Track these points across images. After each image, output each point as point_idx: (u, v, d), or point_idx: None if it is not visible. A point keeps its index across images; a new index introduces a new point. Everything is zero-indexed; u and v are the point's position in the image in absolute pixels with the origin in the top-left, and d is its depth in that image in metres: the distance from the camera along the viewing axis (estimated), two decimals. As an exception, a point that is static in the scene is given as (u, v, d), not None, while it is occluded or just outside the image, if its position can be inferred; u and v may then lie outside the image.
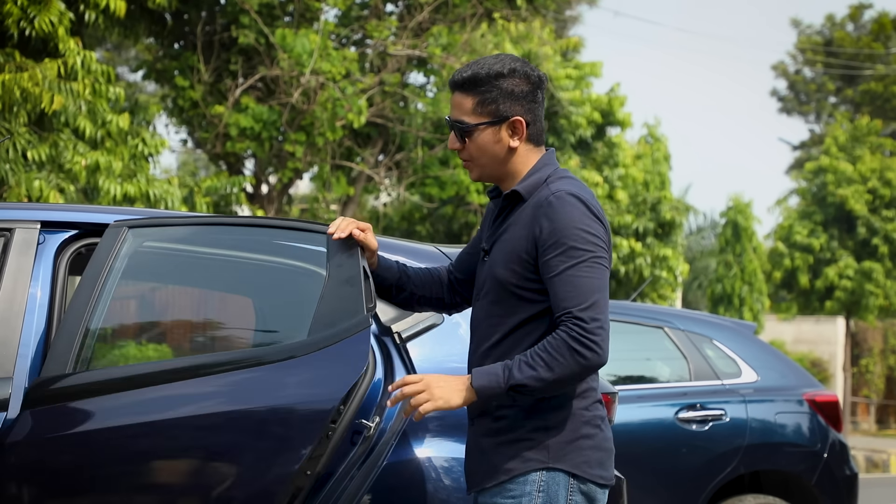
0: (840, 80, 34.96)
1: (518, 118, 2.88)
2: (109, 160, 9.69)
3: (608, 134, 17.45)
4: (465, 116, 2.88)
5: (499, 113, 2.88)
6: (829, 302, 22.93)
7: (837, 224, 23.06)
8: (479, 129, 2.88)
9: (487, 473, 2.92)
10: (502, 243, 2.92)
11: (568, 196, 2.84)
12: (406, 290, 3.18)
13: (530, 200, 2.90)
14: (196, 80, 14.42)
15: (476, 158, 2.91)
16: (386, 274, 3.15)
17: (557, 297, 2.81)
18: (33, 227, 3.50)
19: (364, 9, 15.53)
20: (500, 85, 2.86)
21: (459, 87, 2.89)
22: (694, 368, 5.97)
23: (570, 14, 23.97)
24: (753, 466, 5.82)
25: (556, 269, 2.81)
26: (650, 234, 17.84)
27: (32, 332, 3.37)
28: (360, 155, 15.42)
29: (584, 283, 2.79)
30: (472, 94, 2.87)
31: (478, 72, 2.86)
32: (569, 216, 2.82)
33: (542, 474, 2.84)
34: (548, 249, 2.83)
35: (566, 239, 2.81)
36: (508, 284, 2.88)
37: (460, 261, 3.19)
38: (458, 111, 2.90)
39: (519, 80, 2.88)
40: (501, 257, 2.91)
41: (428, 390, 2.81)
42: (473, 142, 2.89)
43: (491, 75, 2.86)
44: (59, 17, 9.35)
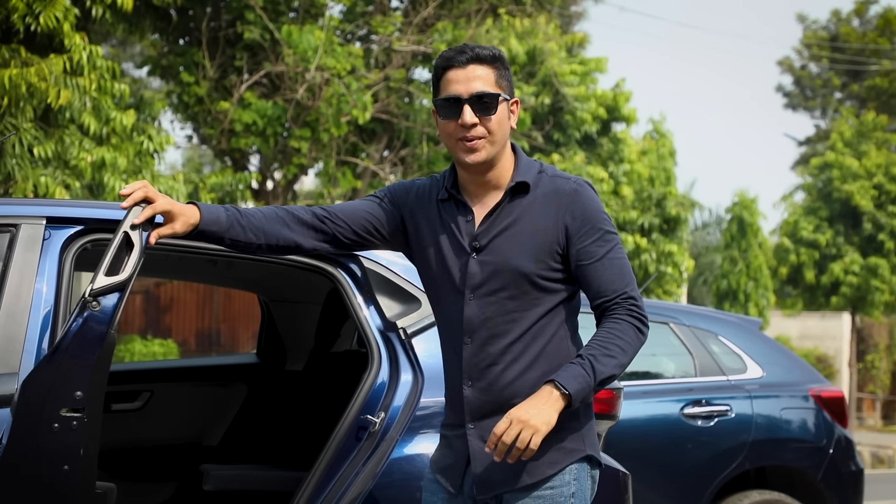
0: (846, 76, 34.90)
1: (517, 100, 2.95)
2: (115, 156, 9.70)
3: (613, 130, 17.43)
4: (490, 87, 2.88)
5: (509, 91, 2.92)
6: (834, 297, 22.89)
7: (843, 220, 23.02)
8: (502, 100, 2.89)
9: (527, 472, 2.83)
10: (515, 237, 2.87)
11: (586, 184, 2.92)
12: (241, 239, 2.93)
13: (536, 191, 2.89)
14: (201, 76, 14.43)
15: (494, 133, 2.87)
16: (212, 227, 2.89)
17: (603, 280, 2.84)
18: (39, 223, 3.51)
19: (369, 4, 15.52)
20: (505, 66, 2.93)
21: (482, 61, 2.88)
22: (699, 364, 5.96)
23: (575, 10, 23.94)
24: (759, 462, 5.81)
25: (596, 255, 2.85)
26: (655, 229, 17.82)
27: (38, 328, 3.38)
28: (365, 151, 15.41)
29: (625, 265, 2.88)
30: (494, 68, 2.89)
31: (494, 52, 2.90)
32: (595, 202, 2.89)
33: (577, 463, 2.86)
34: (584, 236, 2.86)
35: (600, 224, 2.87)
36: (536, 276, 2.85)
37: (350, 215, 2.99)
38: (480, 83, 2.86)
39: (508, 67, 2.96)
40: (523, 251, 2.86)
41: (524, 425, 2.69)
42: (497, 115, 2.88)
43: (501, 56, 2.92)
44: (65, 13, 9.35)
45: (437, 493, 2.95)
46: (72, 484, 3.00)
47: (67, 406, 2.94)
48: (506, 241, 2.88)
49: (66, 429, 2.94)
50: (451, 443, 2.95)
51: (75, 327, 2.90)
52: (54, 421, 2.93)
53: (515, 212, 2.90)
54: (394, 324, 3.66)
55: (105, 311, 2.89)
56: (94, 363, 2.94)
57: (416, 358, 3.62)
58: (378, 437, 3.52)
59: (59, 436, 2.94)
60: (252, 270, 4.73)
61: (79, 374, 2.93)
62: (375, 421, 3.53)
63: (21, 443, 2.98)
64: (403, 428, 3.51)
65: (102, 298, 2.89)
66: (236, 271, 4.77)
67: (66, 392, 2.93)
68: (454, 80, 2.87)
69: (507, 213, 2.90)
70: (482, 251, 2.89)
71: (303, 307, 5.18)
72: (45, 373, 2.93)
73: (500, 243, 2.89)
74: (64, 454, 2.97)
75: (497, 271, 2.87)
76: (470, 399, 2.89)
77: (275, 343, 5.37)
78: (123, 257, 2.90)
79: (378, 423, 3.53)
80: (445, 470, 2.94)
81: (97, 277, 2.88)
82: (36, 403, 2.95)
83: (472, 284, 2.89)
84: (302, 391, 5.10)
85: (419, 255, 3.00)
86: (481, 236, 2.90)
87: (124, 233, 2.88)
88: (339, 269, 3.75)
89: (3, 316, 3.36)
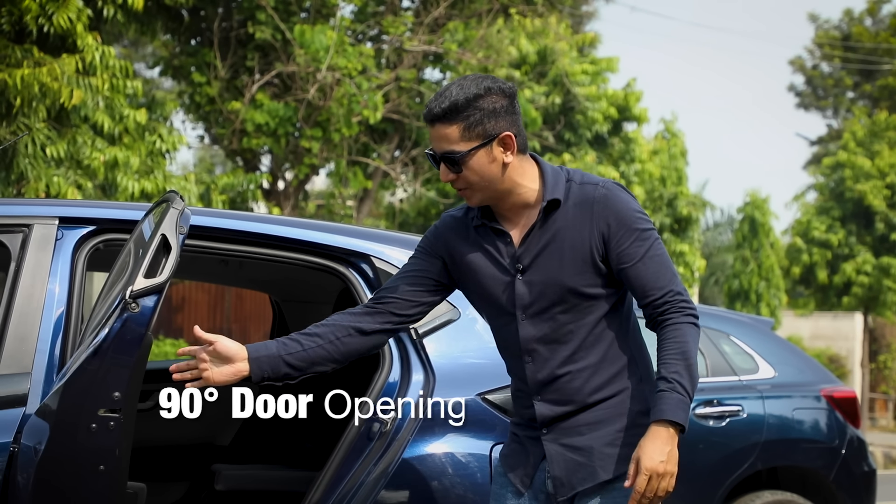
0: (858, 75, 34.79)
1: (507, 133, 2.87)
2: (127, 156, 9.73)
3: (625, 129, 17.42)
4: (454, 146, 2.85)
5: (487, 133, 2.85)
6: (846, 298, 22.83)
7: (855, 219, 22.95)
8: (472, 154, 2.84)
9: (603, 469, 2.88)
10: (556, 253, 2.88)
11: (616, 186, 2.92)
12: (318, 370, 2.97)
13: (568, 203, 2.90)
14: (213, 77, 14.45)
15: (474, 184, 2.87)
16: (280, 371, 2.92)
17: (647, 279, 2.86)
18: (52, 223, 3.52)
19: (380, 5, 15.53)
20: (480, 106, 2.84)
21: (440, 119, 2.84)
22: (711, 364, 5.95)
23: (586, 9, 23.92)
24: (771, 462, 5.79)
25: (637, 255, 2.86)
26: (667, 229, 17.80)
27: (51, 328, 3.39)
28: (376, 151, 15.42)
29: (665, 260, 2.89)
30: (456, 122, 2.84)
31: (456, 99, 2.82)
32: (627, 203, 2.89)
33: None
34: (622, 239, 2.87)
35: (635, 224, 2.88)
36: (583, 287, 2.88)
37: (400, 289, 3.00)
38: (444, 143, 2.85)
39: (496, 96, 2.86)
40: (567, 266, 2.88)
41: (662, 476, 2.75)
42: (469, 168, 2.85)
43: (469, 99, 2.83)
44: (78, 14, 9.38)
45: (506, 486, 3.01)
46: (107, 484, 3.02)
47: (105, 406, 2.96)
48: (547, 258, 2.90)
49: (104, 429, 2.96)
50: (522, 442, 3.00)
51: (115, 329, 2.90)
52: (92, 421, 2.94)
53: (552, 228, 2.90)
54: (405, 324, 3.66)
55: (144, 312, 2.91)
56: (132, 364, 2.95)
57: (427, 358, 3.62)
58: (389, 437, 3.52)
59: (97, 436, 2.96)
60: (263, 271, 4.74)
61: (117, 375, 2.94)
62: (387, 421, 3.54)
63: (60, 443, 3.00)
64: (415, 428, 3.51)
65: (141, 300, 2.90)
66: (248, 271, 4.78)
67: (104, 393, 2.94)
68: (431, 136, 2.90)
69: (543, 230, 2.91)
70: (526, 271, 2.91)
71: (314, 307, 5.18)
72: (86, 373, 2.94)
73: (542, 262, 2.90)
74: (100, 454, 2.99)
75: (544, 290, 2.90)
76: (542, 411, 2.93)
77: (286, 343, 5.36)
78: (161, 260, 2.92)
79: (389, 423, 3.53)
80: (516, 468, 3.00)
81: (136, 279, 2.89)
82: (76, 404, 2.96)
83: (521, 305, 2.92)
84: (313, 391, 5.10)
85: (466, 283, 3.02)
86: (523, 257, 2.92)
87: (162, 235, 2.91)
88: (350, 269, 3.75)
89: (16, 316, 3.38)
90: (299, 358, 2.94)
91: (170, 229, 2.94)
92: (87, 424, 2.95)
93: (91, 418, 2.94)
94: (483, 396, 3.55)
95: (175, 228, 2.94)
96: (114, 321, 2.91)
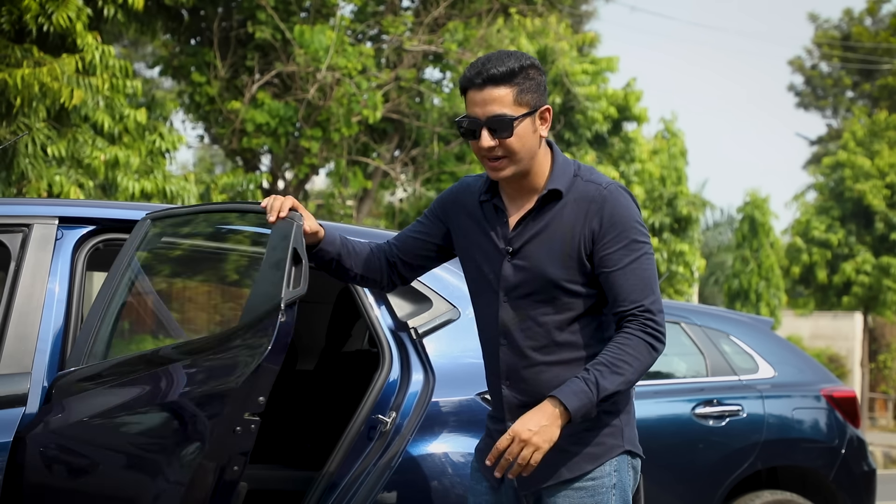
0: (857, 75, 34.79)
1: (547, 107, 2.91)
2: (128, 155, 9.73)
3: (624, 129, 17.42)
4: (507, 109, 2.85)
5: (534, 103, 2.88)
6: (846, 297, 22.84)
7: (855, 219, 22.96)
8: (522, 119, 2.86)
9: (567, 468, 2.89)
10: (544, 242, 2.89)
11: (620, 189, 2.90)
12: (345, 265, 3.14)
13: (568, 196, 2.90)
14: (212, 76, 14.46)
15: (516, 152, 2.87)
16: (328, 248, 3.10)
17: (622, 289, 2.83)
18: (51, 223, 3.52)
19: (380, 4, 15.53)
20: (530, 76, 2.88)
21: (496, 81, 2.85)
22: (711, 364, 5.95)
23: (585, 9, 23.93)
24: (771, 462, 5.79)
25: (620, 263, 2.83)
26: (667, 229, 17.80)
27: (51, 328, 3.39)
28: (376, 150, 15.43)
29: (649, 276, 2.85)
30: (511, 86, 2.85)
31: (513, 65, 2.85)
32: (626, 209, 2.87)
33: (617, 457, 2.90)
34: (609, 243, 2.85)
35: (628, 232, 2.85)
36: (565, 282, 2.88)
37: (406, 244, 3.15)
38: (496, 105, 2.85)
39: (538, 71, 2.90)
40: (550, 256, 2.88)
41: (527, 443, 2.75)
42: (516, 135, 2.86)
43: (524, 67, 2.87)
44: (77, 13, 9.38)
45: (481, 480, 3.03)
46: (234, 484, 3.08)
47: (252, 410, 3.01)
48: (537, 246, 2.90)
49: (246, 432, 3.01)
50: (492, 435, 3.01)
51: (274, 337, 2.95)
52: (238, 424, 3.00)
53: (546, 217, 2.91)
54: (405, 323, 3.67)
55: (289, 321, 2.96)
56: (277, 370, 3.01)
57: (427, 357, 3.62)
58: (389, 436, 3.53)
59: (240, 438, 3.01)
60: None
61: (266, 381, 2.99)
62: (387, 420, 3.54)
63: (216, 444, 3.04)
64: (415, 427, 3.51)
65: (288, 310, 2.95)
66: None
67: (254, 396, 2.99)
68: (472, 101, 2.88)
69: (539, 218, 2.92)
70: (516, 255, 2.92)
71: (314, 307, 5.18)
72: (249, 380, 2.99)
73: (531, 248, 2.91)
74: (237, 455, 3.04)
75: (528, 276, 2.90)
76: (508, 398, 2.94)
77: (286, 343, 5.37)
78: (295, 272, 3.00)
79: (389, 423, 3.54)
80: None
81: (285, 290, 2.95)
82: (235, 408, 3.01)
83: (506, 287, 2.93)
84: (313, 391, 5.11)
85: (462, 254, 3.07)
86: (515, 240, 2.93)
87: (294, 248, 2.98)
88: (351, 269, 3.75)
89: (16, 316, 3.38)
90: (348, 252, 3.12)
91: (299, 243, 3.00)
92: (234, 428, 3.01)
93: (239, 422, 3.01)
94: (483, 396, 3.54)
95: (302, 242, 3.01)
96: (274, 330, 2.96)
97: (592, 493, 2.86)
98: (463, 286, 3.57)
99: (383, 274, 3.15)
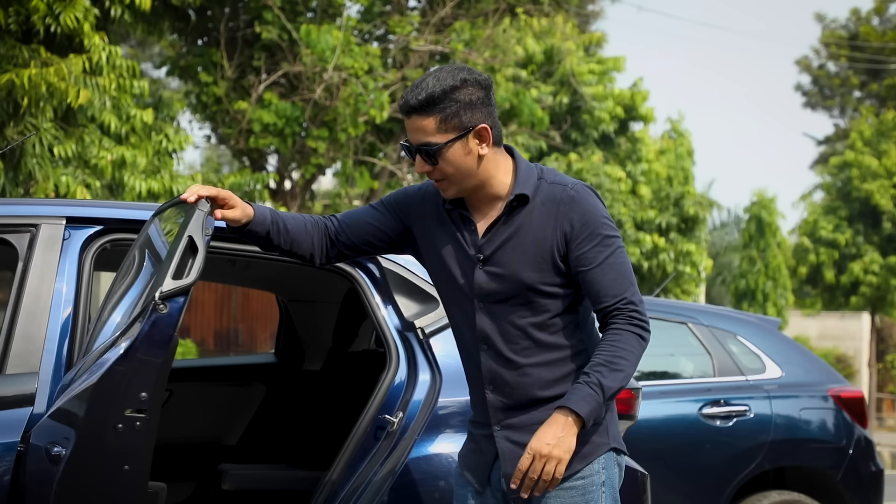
0: (865, 75, 34.71)
1: (483, 125, 2.88)
2: (134, 155, 9.75)
3: (631, 129, 17.41)
4: (430, 137, 2.86)
5: (463, 125, 2.86)
6: (854, 297, 22.80)
7: (863, 219, 22.92)
8: (448, 146, 2.85)
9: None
10: (517, 247, 2.89)
11: (585, 189, 2.91)
12: (274, 242, 3.08)
13: (535, 200, 2.90)
14: (219, 77, 14.47)
15: (450, 176, 2.88)
16: (257, 228, 3.05)
17: (602, 285, 2.84)
18: (59, 223, 3.52)
19: (386, 4, 15.54)
20: (456, 98, 2.85)
21: (417, 111, 2.85)
22: (718, 364, 5.94)
23: (592, 9, 23.92)
24: (778, 462, 5.79)
25: (596, 260, 2.85)
26: (673, 229, 17.79)
27: (58, 328, 3.39)
28: (383, 150, 15.43)
29: (625, 269, 2.87)
30: (433, 114, 2.84)
31: (433, 91, 2.83)
32: (594, 207, 2.88)
33: (604, 454, 2.91)
34: (582, 242, 2.85)
35: (599, 229, 2.86)
36: (541, 285, 2.88)
37: (357, 227, 3.10)
38: (420, 134, 2.86)
39: (472, 88, 2.87)
40: (524, 260, 2.88)
41: (548, 459, 2.76)
42: (444, 160, 2.86)
43: (446, 90, 2.84)
44: (85, 13, 9.40)
45: (465, 486, 3.03)
46: (130, 484, 3.03)
47: (132, 407, 2.96)
48: (509, 251, 2.91)
49: (130, 429, 2.96)
50: (477, 441, 3.01)
51: (145, 329, 2.91)
52: (119, 422, 2.95)
53: (516, 222, 2.91)
54: (412, 323, 3.67)
55: (172, 313, 2.92)
56: (160, 365, 2.97)
57: (434, 357, 3.62)
58: (396, 436, 3.52)
59: (123, 436, 2.97)
60: (270, 270, 4.74)
61: (145, 376, 2.95)
62: (393, 421, 3.54)
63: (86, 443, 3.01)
64: (422, 427, 3.51)
65: (169, 301, 2.92)
66: (254, 271, 4.78)
67: (132, 393, 2.95)
68: (407, 128, 2.91)
69: (508, 224, 2.92)
70: (488, 262, 2.92)
71: (321, 307, 5.18)
72: (116, 374, 2.94)
73: (503, 254, 2.91)
74: (125, 454, 3.00)
75: (502, 282, 2.91)
76: (493, 403, 2.94)
77: (293, 343, 5.38)
78: (188, 261, 2.94)
79: (396, 423, 3.53)
80: (472, 467, 3.01)
81: (165, 280, 2.91)
82: (104, 404, 2.97)
83: (480, 294, 2.93)
84: (320, 391, 5.11)
85: (429, 260, 3.05)
86: (485, 247, 2.93)
87: (189, 237, 2.93)
88: (357, 269, 3.75)
89: (24, 316, 3.38)
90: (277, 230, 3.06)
91: (196, 231, 2.95)
92: (114, 424, 2.96)
93: (118, 418, 2.96)
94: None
95: (202, 230, 2.95)
96: (143, 322, 2.92)
97: (583, 491, 2.87)
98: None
99: (315, 249, 3.10)
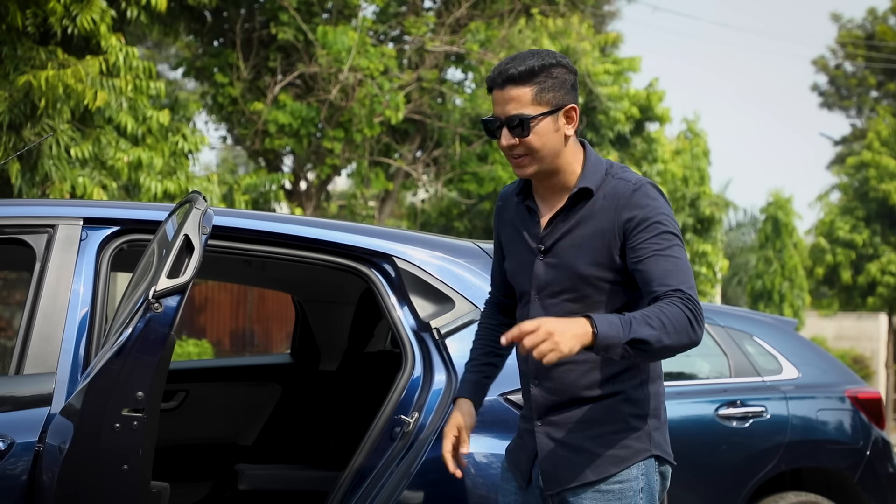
0: (882, 75, 34.55)
1: (573, 105, 2.92)
2: (151, 156, 9.78)
3: (647, 129, 17.38)
4: (525, 108, 2.87)
5: (556, 102, 2.89)
6: (871, 298, 22.70)
7: (880, 219, 22.82)
8: (540, 119, 2.87)
9: (592, 469, 2.88)
10: (576, 239, 2.90)
11: (650, 186, 2.90)
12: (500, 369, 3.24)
13: (599, 193, 2.91)
14: (235, 78, 14.50)
15: (537, 151, 2.89)
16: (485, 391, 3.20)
17: (657, 274, 2.76)
18: (76, 224, 3.54)
19: (402, 5, 15.54)
20: (553, 74, 2.89)
21: (515, 81, 2.87)
22: (734, 365, 5.92)
23: (608, 9, 23.87)
24: (795, 463, 5.76)
25: (652, 250, 2.79)
26: (689, 229, 17.75)
27: (76, 328, 3.41)
28: (398, 151, 15.43)
29: (685, 266, 2.80)
30: (530, 86, 2.87)
31: (533, 64, 2.87)
32: (657, 203, 2.86)
33: (644, 460, 2.90)
34: (641, 233, 2.82)
35: (659, 223, 2.83)
36: (596, 280, 2.88)
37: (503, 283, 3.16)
38: (515, 104, 2.88)
39: (565, 70, 2.91)
40: (583, 254, 2.88)
41: (549, 338, 2.59)
42: (535, 133, 2.88)
43: (546, 66, 2.88)
44: (101, 15, 9.43)
45: (510, 480, 3.05)
46: (130, 483, 3.03)
47: (129, 406, 2.97)
48: (568, 244, 2.91)
49: (127, 429, 2.97)
50: (521, 435, 3.03)
51: (139, 328, 2.92)
52: (116, 421, 2.96)
53: (577, 215, 2.92)
54: (427, 324, 3.67)
55: (167, 312, 2.92)
56: (156, 364, 2.97)
57: (449, 358, 3.62)
58: (412, 437, 3.53)
59: (120, 436, 2.97)
60: (286, 271, 4.75)
61: (141, 375, 2.95)
62: (409, 421, 3.54)
63: (83, 442, 3.01)
64: (437, 428, 3.51)
65: (164, 300, 2.92)
66: (270, 272, 4.79)
67: (128, 392, 2.95)
68: (494, 100, 2.92)
69: (570, 216, 2.93)
70: (547, 254, 2.94)
71: (336, 307, 5.19)
72: (110, 373, 2.95)
73: (562, 246, 2.92)
74: (124, 454, 3.00)
75: (559, 274, 2.91)
76: (537, 398, 2.95)
77: (309, 343, 5.39)
78: (184, 260, 2.94)
79: (412, 423, 3.53)
80: (516, 463, 3.03)
81: (159, 279, 2.91)
82: (99, 403, 2.97)
83: (537, 286, 2.95)
84: (336, 391, 5.12)
85: (507, 257, 3.10)
86: (546, 239, 2.95)
87: (185, 236, 2.92)
88: (373, 270, 3.75)
89: (41, 316, 3.40)
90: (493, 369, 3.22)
91: (193, 229, 2.96)
92: (111, 424, 2.96)
93: (115, 418, 2.96)
94: (505, 397, 3.54)
95: (198, 229, 2.96)
96: (137, 321, 2.93)
97: (620, 496, 2.85)
98: (485, 286, 3.57)
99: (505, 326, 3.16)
